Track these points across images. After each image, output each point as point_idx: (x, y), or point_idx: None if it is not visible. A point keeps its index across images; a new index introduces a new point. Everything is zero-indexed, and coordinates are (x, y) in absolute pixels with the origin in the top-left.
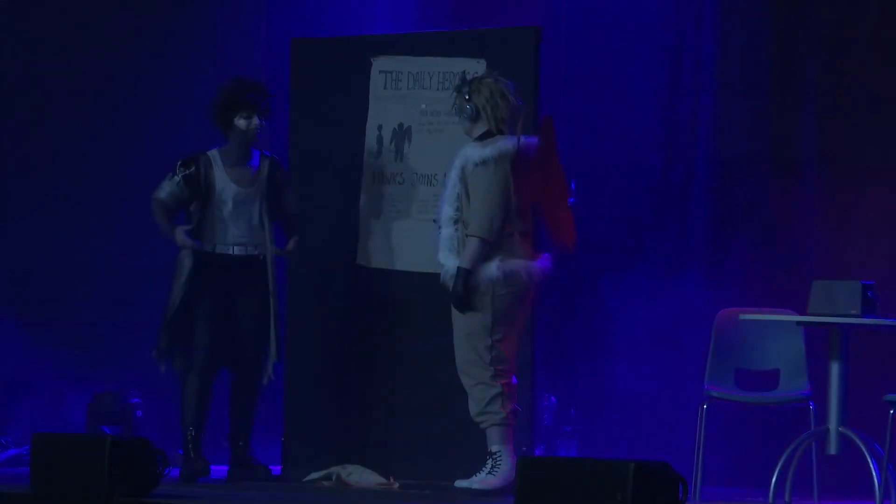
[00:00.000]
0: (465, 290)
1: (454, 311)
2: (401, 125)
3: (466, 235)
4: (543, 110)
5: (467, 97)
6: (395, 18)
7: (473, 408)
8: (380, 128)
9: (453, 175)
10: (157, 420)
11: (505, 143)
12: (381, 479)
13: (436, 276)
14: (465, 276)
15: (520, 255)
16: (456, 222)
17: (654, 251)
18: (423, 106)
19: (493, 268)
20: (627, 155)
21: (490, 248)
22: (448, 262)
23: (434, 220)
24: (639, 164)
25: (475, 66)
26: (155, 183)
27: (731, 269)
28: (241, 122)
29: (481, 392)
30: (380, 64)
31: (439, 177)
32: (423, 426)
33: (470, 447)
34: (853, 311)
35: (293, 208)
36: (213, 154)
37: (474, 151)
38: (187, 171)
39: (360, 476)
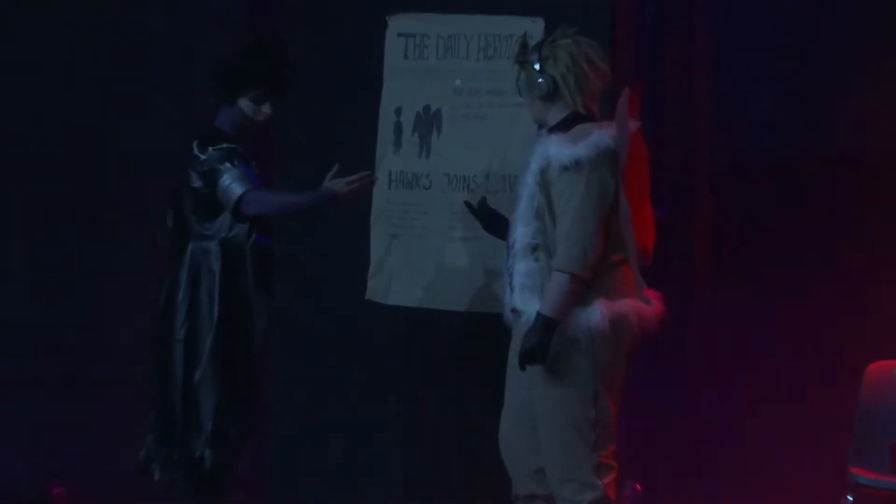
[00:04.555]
0: (542, 345)
1: (538, 378)
2: (427, 108)
3: (552, 269)
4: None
5: (538, 68)
6: None
7: None
8: (398, 112)
9: (530, 182)
10: None
11: (602, 136)
12: None
13: (473, 316)
14: (545, 325)
15: (627, 293)
16: (536, 250)
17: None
18: (458, 82)
19: (595, 314)
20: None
21: (584, 285)
22: (529, 307)
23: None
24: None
25: (530, 28)
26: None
27: (881, 313)
28: (246, 105)
29: (572, 493)
30: (398, 24)
31: (480, 179)
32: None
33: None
34: None
35: None
36: None
37: (561, 149)
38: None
39: None
